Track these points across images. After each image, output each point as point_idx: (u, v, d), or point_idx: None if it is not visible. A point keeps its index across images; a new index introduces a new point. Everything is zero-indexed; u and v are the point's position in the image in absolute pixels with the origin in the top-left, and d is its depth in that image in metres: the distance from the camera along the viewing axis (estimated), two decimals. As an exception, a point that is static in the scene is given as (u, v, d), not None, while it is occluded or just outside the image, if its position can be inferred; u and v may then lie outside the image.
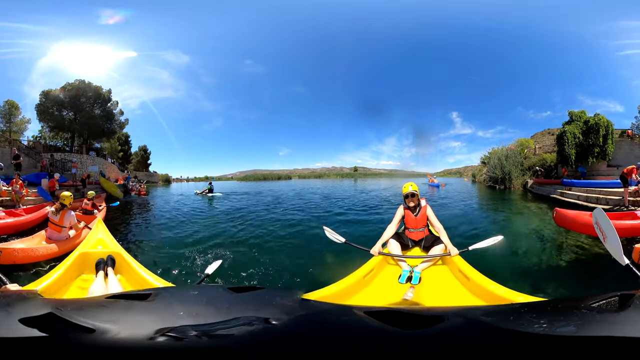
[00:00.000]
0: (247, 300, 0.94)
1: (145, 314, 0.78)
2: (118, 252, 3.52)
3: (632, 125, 24.27)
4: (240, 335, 0.68)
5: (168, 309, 0.82)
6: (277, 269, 4.50)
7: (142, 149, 43.57)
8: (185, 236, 7.07)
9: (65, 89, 25.18)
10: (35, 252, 4.29)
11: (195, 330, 0.67)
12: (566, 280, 4.31)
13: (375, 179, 51.12)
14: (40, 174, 14.24)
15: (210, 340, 0.65)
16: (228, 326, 0.71)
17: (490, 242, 3.28)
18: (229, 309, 0.81)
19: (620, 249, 2.08)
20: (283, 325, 0.74)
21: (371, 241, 3.29)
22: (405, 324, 0.76)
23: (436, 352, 0.66)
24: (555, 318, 0.79)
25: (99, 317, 0.71)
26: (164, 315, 0.77)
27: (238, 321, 0.73)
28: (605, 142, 16.65)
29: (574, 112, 18.06)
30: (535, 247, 5.94)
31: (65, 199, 4.95)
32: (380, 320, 0.77)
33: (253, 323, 0.72)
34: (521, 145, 24.95)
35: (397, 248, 3.18)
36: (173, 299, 0.91)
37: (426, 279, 2.81)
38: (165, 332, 0.65)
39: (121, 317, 0.74)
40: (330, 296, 2.42)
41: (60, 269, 3.03)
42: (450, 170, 62.37)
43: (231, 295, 0.97)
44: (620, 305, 0.83)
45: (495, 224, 8.80)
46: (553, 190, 14.31)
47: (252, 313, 0.78)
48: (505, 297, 2.26)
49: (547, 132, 30.37)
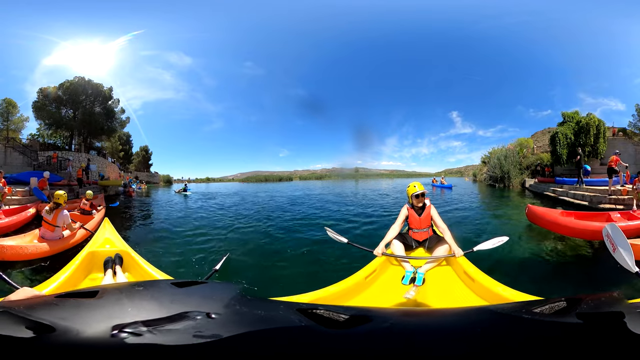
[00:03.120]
0: (190, 295, 0.96)
1: (96, 311, 0.78)
2: (126, 251, 3.57)
3: (630, 124, 24.57)
4: (184, 329, 0.69)
5: (117, 306, 0.82)
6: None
7: (144, 149, 43.46)
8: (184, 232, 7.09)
9: (63, 86, 24.82)
10: (24, 250, 4.24)
11: (144, 326, 0.68)
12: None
13: (376, 180, 51.02)
14: (32, 173, 13.46)
15: (156, 335, 0.66)
16: (172, 321, 0.72)
17: (496, 243, 3.23)
18: (172, 304, 0.83)
19: (632, 260, 2.34)
20: (221, 319, 0.76)
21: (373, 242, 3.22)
22: (334, 323, 0.79)
23: (348, 354, 0.66)
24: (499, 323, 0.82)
25: (54, 315, 0.72)
26: (113, 311, 0.77)
27: (182, 316, 0.74)
28: (597, 141, 17.63)
29: (566, 113, 19.02)
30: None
31: (59, 198, 4.93)
32: (312, 318, 0.79)
33: (196, 317, 0.74)
34: (520, 145, 25.84)
35: (400, 249, 3.13)
36: (120, 295, 0.91)
37: (430, 280, 2.74)
38: (120, 328, 0.66)
39: (73, 315, 0.74)
40: (329, 297, 2.37)
41: (69, 269, 3.05)
42: (451, 170, 62.37)
43: (174, 290, 0.97)
44: (567, 310, 0.84)
45: (496, 219, 8.99)
46: (547, 187, 15.04)
47: (194, 307, 0.79)
48: (511, 298, 2.20)
49: (547, 131, 30.34)
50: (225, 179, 64.32)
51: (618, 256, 2.48)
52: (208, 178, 58.94)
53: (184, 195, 20.62)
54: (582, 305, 0.85)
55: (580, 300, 0.88)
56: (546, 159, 20.58)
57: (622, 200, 8.91)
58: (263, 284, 3.97)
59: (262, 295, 2.57)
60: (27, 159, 18.14)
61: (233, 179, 66.24)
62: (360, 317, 0.84)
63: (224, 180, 62.71)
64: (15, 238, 4.82)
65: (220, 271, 3.45)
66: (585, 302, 0.87)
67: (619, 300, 0.90)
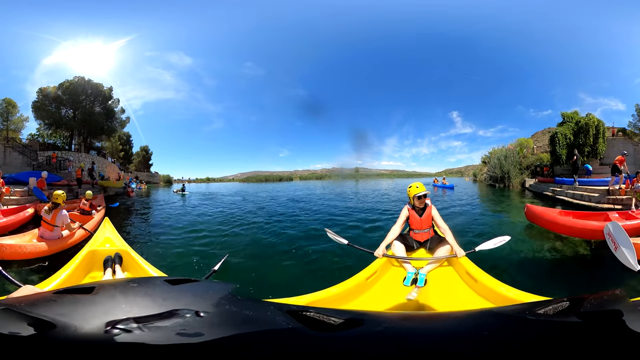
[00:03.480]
0: (182, 292, 0.96)
1: (92, 307, 0.78)
2: (125, 250, 3.60)
3: (629, 124, 24.59)
4: (173, 327, 0.69)
5: (111, 302, 0.82)
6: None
7: (144, 149, 43.40)
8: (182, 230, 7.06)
9: (62, 85, 24.71)
10: (23, 249, 4.26)
11: (135, 322, 0.69)
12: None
13: (376, 180, 50.94)
14: (31, 173, 13.25)
15: (144, 332, 0.67)
16: (161, 318, 0.72)
17: (498, 243, 3.21)
18: (164, 301, 0.83)
19: (634, 258, 2.35)
20: (209, 318, 0.76)
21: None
22: (325, 326, 0.78)
23: (333, 357, 0.66)
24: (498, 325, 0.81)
25: (53, 312, 0.72)
26: (108, 308, 0.78)
27: (172, 313, 0.75)
28: (596, 141, 17.75)
29: (566, 114, 19.16)
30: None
31: (58, 197, 4.94)
32: (301, 321, 0.79)
33: (185, 315, 0.74)
34: (520, 145, 25.98)
35: (401, 250, 3.09)
36: (115, 292, 0.91)
37: (432, 281, 2.71)
38: (114, 324, 0.67)
39: (71, 311, 0.74)
40: (329, 298, 2.34)
41: (69, 267, 3.09)
42: (451, 170, 62.41)
43: (167, 287, 0.98)
44: (570, 310, 0.84)
45: (496, 218, 9.14)
46: (547, 187, 15.21)
47: (185, 305, 0.80)
48: (515, 298, 2.17)
49: (547, 131, 30.37)
50: (226, 179, 64.38)
51: (620, 255, 2.49)
52: (208, 178, 59.05)
53: (181, 194, 21.15)
54: (585, 305, 0.85)
55: (583, 300, 0.87)
56: (546, 159, 20.71)
57: (620, 201, 8.95)
58: (263, 284, 3.93)
59: (261, 297, 2.54)
60: (27, 159, 18.06)
61: (233, 179, 66.28)
62: (353, 321, 0.82)
63: (224, 180, 62.76)
64: (14, 237, 4.87)
65: (219, 272, 3.43)
66: (588, 301, 0.86)
67: (620, 298, 0.90)
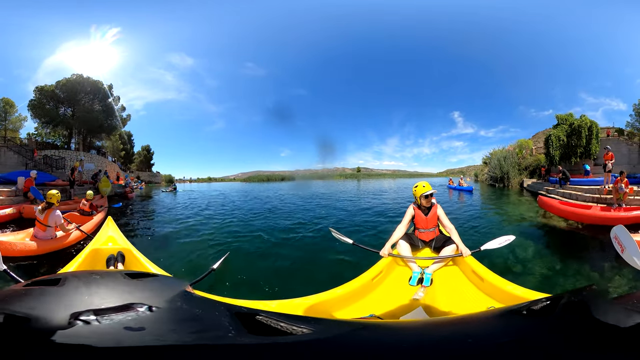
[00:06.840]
0: (140, 287, 0.98)
1: (58, 299, 0.79)
2: (128, 249, 3.67)
3: (627, 123, 24.74)
4: (128, 321, 0.71)
5: (76, 294, 0.84)
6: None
7: (145, 149, 43.31)
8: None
9: (59, 83, 24.11)
10: (13, 247, 4.25)
11: (95, 315, 0.70)
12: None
13: (378, 180, 50.85)
14: (21, 172, 12.61)
15: (106, 325, 0.68)
16: (118, 311, 0.74)
17: (502, 242, 3.21)
18: (122, 294, 0.86)
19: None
20: (158, 313, 0.77)
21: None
22: (271, 330, 0.76)
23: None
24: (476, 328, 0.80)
25: (25, 306, 0.73)
26: (73, 299, 0.79)
27: (128, 307, 0.76)
28: (590, 142, 18.50)
29: (560, 116, 20.17)
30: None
31: (52, 197, 4.90)
32: (247, 324, 0.79)
33: (138, 309, 0.76)
34: (520, 146, 26.70)
35: (407, 249, 3.04)
36: (79, 283, 0.92)
37: (438, 280, 2.68)
38: (77, 316, 0.69)
39: (41, 303, 0.75)
40: (334, 299, 2.31)
41: (72, 266, 3.14)
42: (452, 170, 62.48)
43: (127, 282, 1.01)
44: (550, 309, 0.85)
45: (497, 216, 9.49)
46: (541, 187, 16.45)
47: (140, 300, 0.81)
48: (523, 297, 2.15)
49: (548, 132, 30.35)
50: (227, 179, 64.52)
51: (627, 256, 2.59)
52: (210, 178, 59.35)
53: (173, 193, 23.24)
54: (562, 302, 0.86)
55: (561, 297, 0.88)
56: (543, 160, 21.30)
57: (604, 200, 9.82)
58: (263, 284, 3.83)
59: (260, 297, 2.47)
60: (22, 159, 17.74)
61: (235, 178, 66.42)
62: (302, 327, 0.78)
63: (226, 180, 62.89)
64: (8, 235, 4.90)
65: (219, 270, 3.41)
66: (565, 298, 0.88)
67: (598, 293, 0.92)
